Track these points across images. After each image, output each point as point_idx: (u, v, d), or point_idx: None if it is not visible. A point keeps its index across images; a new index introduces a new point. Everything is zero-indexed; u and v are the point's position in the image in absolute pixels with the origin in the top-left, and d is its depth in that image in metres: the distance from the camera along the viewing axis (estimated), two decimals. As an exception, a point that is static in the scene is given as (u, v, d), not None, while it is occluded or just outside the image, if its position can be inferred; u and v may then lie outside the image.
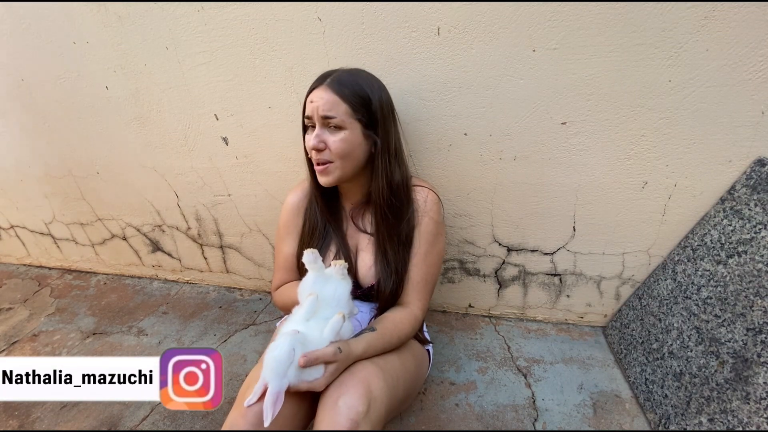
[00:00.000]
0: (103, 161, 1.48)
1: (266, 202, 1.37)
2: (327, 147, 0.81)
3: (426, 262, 0.89)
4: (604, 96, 0.95)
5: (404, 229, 0.88)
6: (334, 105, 0.80)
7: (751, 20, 0.81)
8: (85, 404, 1.17)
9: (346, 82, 0.82)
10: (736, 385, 0.82)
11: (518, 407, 1.08)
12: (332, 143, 0.81)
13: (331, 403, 0.66)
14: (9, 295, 1.74)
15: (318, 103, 0.80)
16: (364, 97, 0.82)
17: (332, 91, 0.80)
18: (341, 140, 0.81)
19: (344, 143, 0.81)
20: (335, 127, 0.81)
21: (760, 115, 0.90)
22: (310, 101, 0.82)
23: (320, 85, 0.82)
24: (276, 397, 0.65)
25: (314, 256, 0.78)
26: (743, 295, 0.87)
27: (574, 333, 1.32)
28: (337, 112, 0.80)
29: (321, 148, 0.81)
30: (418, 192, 0.91)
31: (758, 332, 0.82)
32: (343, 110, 0.80)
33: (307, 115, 0.83)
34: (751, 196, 0.93)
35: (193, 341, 1.39)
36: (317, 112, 0.80)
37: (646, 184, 1.04)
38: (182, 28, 1.10)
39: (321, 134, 0.81)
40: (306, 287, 0.78)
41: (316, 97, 0.80)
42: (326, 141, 0.81)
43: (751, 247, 0.89)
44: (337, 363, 0.70)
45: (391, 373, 0.76)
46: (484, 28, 0.93)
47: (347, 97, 0.81)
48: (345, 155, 0.82)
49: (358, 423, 0.63)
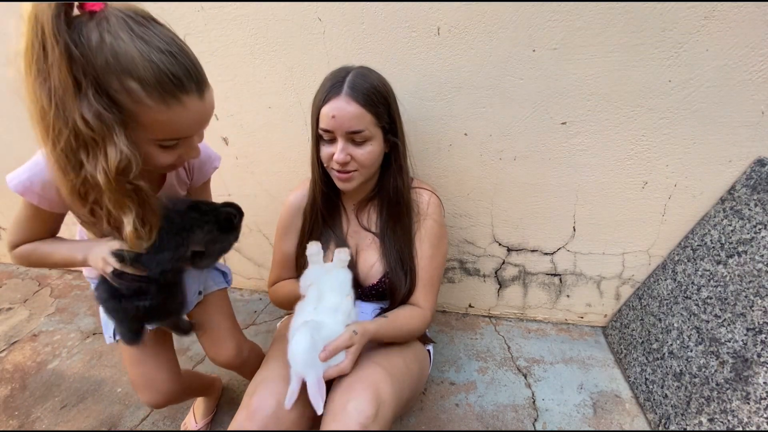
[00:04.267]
0: (103, 161, 1.48)
1: (266, 202, 1.37)
2: (353, 159, 0.78)
3: (432, 264, 0.89)
4: (604, 96, 0.95)
5: (407, 226, 0.88)
6: (360, 119, 0.75)
7: (751, 20, 0.81)
8: (85, 404, 1.17)
9: (365, 88, 0.75)
10: (736, 385, 0.82)
11: (518, 407, 1.08)
12: (359, 155, 0.77)
13: (340, 407, 0.66)
14: (9, 295, 1.74)
15: (342, 118, 0.74)
16: (383, 102, 0.79)
17: (355, 102, 0.74)
18: (369, 152, 0.78)
19: (371, 154, 0.79)
20: (360, 140, 0.77)
21: (760, 115, 0.90)
22: (329, 115, 0.74)
23: (338, 94, 0.74)
24: (318, 385, 0.66)
25: (318, 248, 0.80)
26: (743, 295, 0.87)
27: (574, 333, 1.32)
28: (365, 125, 0.75)
29: (348, 161, 0.78)
30: (421, 194, 0.91)
31: (758, 332, 0.82)
32: (368, 121, 0.76)
33: (326, 129, 0.76)
34: (751, 196, 0.92)
35: (192, 341, 1.39)
36: (342, 128, 0.74)
37: (646, 184, 1.04)
38: (182, 28, 1.10)
39: (346, 148, 0.76)
40: (308, 278, 0.79)
41: (337, 111, 0.74)
42: (352, 154, 0.77)
43: (751, 247, 0.89)
44: (356, 344, 0.71)
45: (397, 376, 0.76)
46: (484, 28, 0.92)
47: (371, 106, 0.76)
48: (370, 164, 0.80)
49: (367, 426, 0.64)
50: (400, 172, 0.86)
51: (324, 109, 0.75)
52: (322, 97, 0.76)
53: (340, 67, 0.80)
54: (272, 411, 0.68)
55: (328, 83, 0.77)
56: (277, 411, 0.68)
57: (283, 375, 0.72)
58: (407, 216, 0.88)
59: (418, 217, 0.89)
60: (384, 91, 0.79)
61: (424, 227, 0.89)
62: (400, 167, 0.86)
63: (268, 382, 0.73)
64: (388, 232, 0.88)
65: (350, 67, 0.80)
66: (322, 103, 0.76)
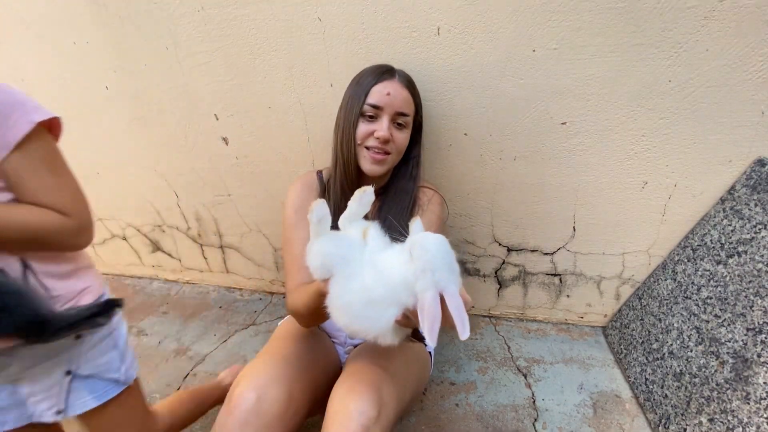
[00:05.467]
0: (103, 161, 1.48)
1: (266, 202, 1.37)
2: (392, 140, 0.82)
3: None
4: (604, 96, 0.95)
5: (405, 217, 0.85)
6: (408, 103, 0.83)
7: (751, 20, 0.81)
8: (85, 404, 1.16)
9: (411, 81, 0.85)
10: (736, 385, 0.82)
11: (518, 407, 1.08)
12: (398, 138, 0.83)
13: (342, 408, 0.66)
14: (9, 295, 1.74)
15: (397, 98, 0.80)
16: (420, 99, 0.88)
17: (407, 88, 0.82)
18: (405, 138, 0.85)
19: (405, 141, 0.85)
20: (401, 124, 0.83)
21: (760, 115, 0.90)
22: (384, 92, 0.79)
23: (392, 78, 0.82)
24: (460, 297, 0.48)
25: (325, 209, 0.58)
26: (743, 295, 0.87)
27: (574, 333, 1.32)
28: (410, 111, 0.83)
29: (390, 139, 0.81)
30: (425, 192, 0.92)
31: (758, 332, 0.82)
32: (412, 109, 0.85)
33: (376, 104, 0.80)
34: (751, 196, 0.92)
35: (192, 341, 1.39)
36: (393, 107, 0.80)
37: (646, 184, 1.04)
38: (182, 28, 1.10)
39: (390, 127, 0.81)
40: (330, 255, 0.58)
41: (393, 90, 0.80)
42: (393, 135, 0.82)
43: (751, 247, 0.89)
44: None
45: (399, 378, 0.76)
46: (484, 28, 0.93)
47: (416, 97, 0.86)
48: (402, 150, 0.86)
49: (369, 428, 0.63)
50: (417, 167, 0.92)
51: (377, 87, 0.80)
52: (373, 78, 0.81)
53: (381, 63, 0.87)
54: (251, 405, 0.67)
55: (378, 69, 0.83)
56: (256, 405, 0.67)
57: (269, 371, 0.71)
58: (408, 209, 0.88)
59: (420, 210, 0.90)
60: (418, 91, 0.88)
61: (423, 217, 0.88)
62: (417, 163, 0.92)
63: (250, 377, 0.71)
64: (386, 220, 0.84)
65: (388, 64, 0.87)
66: (375, 81, 0.80)
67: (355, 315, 0.56)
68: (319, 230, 0.59)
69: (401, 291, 0.51)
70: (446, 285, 0.48)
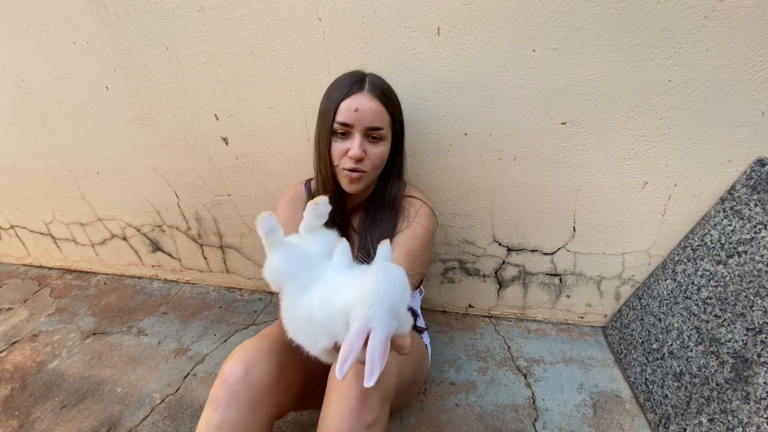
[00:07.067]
0: (103, 161, 1.48)
1: (266, 202, 1.37)
2: (367, 157, 0.78)
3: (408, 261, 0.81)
4: (604, 96, 0.95)
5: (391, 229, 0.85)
6: (380, 116, 0.77)
7: (751, 20, 0.81)
8: (85, 404, 1.17)
9: (385, 89, 0.79)
10: (736, 385, 0.82)
11: (518, 407, 1.08)
12: (372, 154, 0.78)
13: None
14: (9, 295, 1.74)
15: (366, 114, 0.75)
16: (397, 107, 0.81)
17: (378, 99, 0.76)
18: (381, 152, 0.80)
19: (383, 155, 0.80)
20: (377, 138, 0.78)
21: (760, 115, 0.90)
22: (352, 108, 0.75)
23: (360, 90, 0.76)
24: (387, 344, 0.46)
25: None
26: (743, 295, 0.87)
27: (574, 333, 1.32)
28: (383, 124, 0.78)
29: (363, 158, 0.78)
30: (413, 203, 0.89)
31: (758, 332, 0.82)
32: (386, 121, 0.79)
33: (345, 122, 0.76)
34: (751, 196, 0.92)
35: (193, 341, 1.39)
36: (363, 123, 0.75)
37: (646, 184, 1.04)
38: (182, 28, 1.10)
39: (363, 144, 0.77)
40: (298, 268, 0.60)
41: (361, 105, 0.75)
42: (367, 151, 0.78)
43: (751, 247, 0.89)
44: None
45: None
46: (484, 28, 0.92)
47: (389, 106, 0.79)
48: (379, 165, 0.81)
49: (368, 394, 0.63)
50: (399, 178, 0.87)
51: (345, 103, 0.75)
52: (342, 92, 0.76)
53: (354, 71, 0.82)
54: (241, 377, 0.68)
55: (347, 80, 0.78)
56: (246, 377, 0.68)
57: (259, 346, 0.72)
58: (394, 220, 0.86)
59: (406, 222, 0.86)
60: (396, 96, 0.82)
61: (409, 228, 0.85)
62: (399, 173, 0.87)
63: (241, 352, 0.72)
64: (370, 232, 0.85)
65: (364, 71, 0.82)
66: (343, 97, 0.76)
67: (299, 330, 0.58)
68: (270, 242, 0.60)
69: (338, 320, 0.51)
70: (377, 324, 0.46)
